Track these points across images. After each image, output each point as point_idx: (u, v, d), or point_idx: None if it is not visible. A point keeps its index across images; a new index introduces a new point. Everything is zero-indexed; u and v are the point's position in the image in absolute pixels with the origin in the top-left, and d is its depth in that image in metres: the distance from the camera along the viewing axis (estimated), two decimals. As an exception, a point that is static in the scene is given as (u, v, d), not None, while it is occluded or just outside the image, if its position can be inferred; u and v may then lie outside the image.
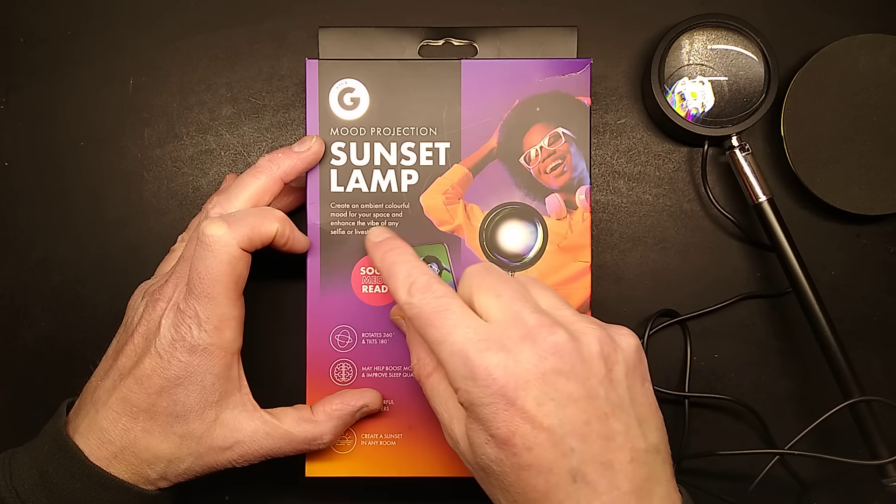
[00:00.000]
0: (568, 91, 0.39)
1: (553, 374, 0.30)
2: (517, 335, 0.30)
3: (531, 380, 0.30)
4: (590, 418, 0.30)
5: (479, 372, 0.30)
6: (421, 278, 0.33)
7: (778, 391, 0.44)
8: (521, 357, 0.30)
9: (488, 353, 0.30)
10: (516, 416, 0.29)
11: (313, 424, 0.37)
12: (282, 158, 0.37)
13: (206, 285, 0.34)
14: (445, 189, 0.39)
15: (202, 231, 0.34)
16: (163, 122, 0.45)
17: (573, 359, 0.30)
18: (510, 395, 0.29)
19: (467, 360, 0.30)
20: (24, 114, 0.45)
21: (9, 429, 0.44)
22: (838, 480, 0.44)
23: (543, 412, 0.29)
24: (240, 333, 0.36)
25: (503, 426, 0.29)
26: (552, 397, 0.29)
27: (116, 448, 0.34)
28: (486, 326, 0.31)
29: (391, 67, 0.39)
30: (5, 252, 0.44)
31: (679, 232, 0.44)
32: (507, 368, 0.30)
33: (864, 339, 0.44)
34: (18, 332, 0.44)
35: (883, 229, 0.44)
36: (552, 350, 0.30)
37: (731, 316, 0.44)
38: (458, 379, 0.30)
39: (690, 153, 0.45)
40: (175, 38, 0.45)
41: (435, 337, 0.31)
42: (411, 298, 0.32)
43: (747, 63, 0.42)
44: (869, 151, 0.42)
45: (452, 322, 0.31)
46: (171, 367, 0.34)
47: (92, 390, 0.36)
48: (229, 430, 0.36)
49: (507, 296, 0.32)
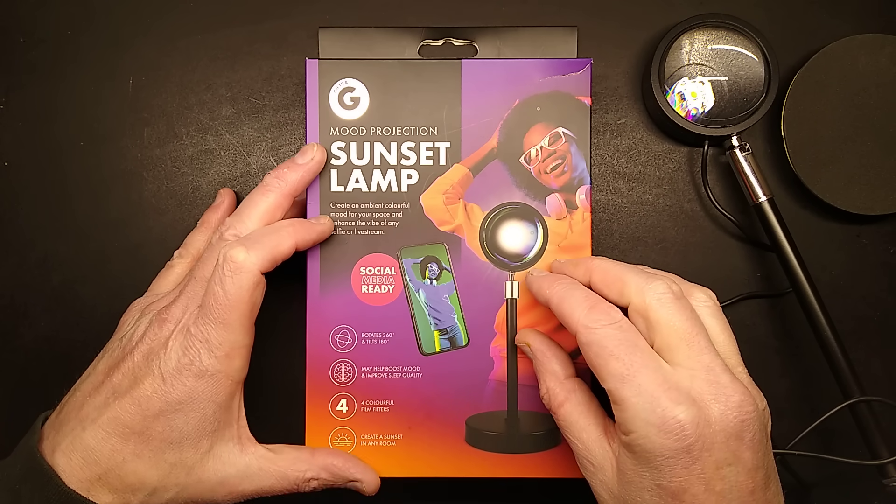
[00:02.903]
0: (568, 91, 0.39)
1: (736, 440, 0.30)
2: (710, 393, 0.30)
3: (717, 442, 0.29)
4: (756, 487, 0.30)
5: (671, 423, 0.29)
6: (601, 304, 0.32)
7: (778, 391, 0.44)
8: (712, 417, 0.29)
9: (682, 406, 0.29)
10: (694, 475, 0.29)
11: (308, 467, 0.36)
12: (287, 173, 0.37)
13: (222, 311, 0.33)
14: (445, 189, 0.39)
15: (225, 256, 0.34)
16: (163, 122, 0.45)
17: (755, 428, 0.30)
18: (695, 454, 0.29)
19: (657, 406, 0.29)
20: (24, 114, 0.45)
21: (9, 429, 0.44)
22: (838, 480, 0.44)
23: (719, 476, 0.29)
24: (247, 362, 0.35)
25: (678, 481, 0.29)
26: (731, 463, 0.29)
27: (101, 469, 0.33)
28: (674, 374, 0.30)
29: (391, 67, 0.39)
30: (5, 252, 0.44)
31: (679, 232, 0.44)
32: (699, 426, 0.29)
33: (864, 339, 0.44)
34: (18, 332, 0.44)
35: (883, 229, 0.44)
36: (742, 416, 0.30)
37: (730, 316, 0.44)
38: (640, 423, 0.30)
39: (690, 153, 0.45)
40: (175, 38, 0.45)
41: (619, 372, 0.30)
42: (593, 323, 0.31)
43: (747, 63, 0.42)
44: (869, 151, 0.42)
45: (639, 360, 0.30)
46: (173, 390, 0.33)
47: (77, 406, 0.34)
48: (221, 464, 0.35)
49: (700, 345, 0.31)
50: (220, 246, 0.35)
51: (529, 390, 0.39)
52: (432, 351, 0.39)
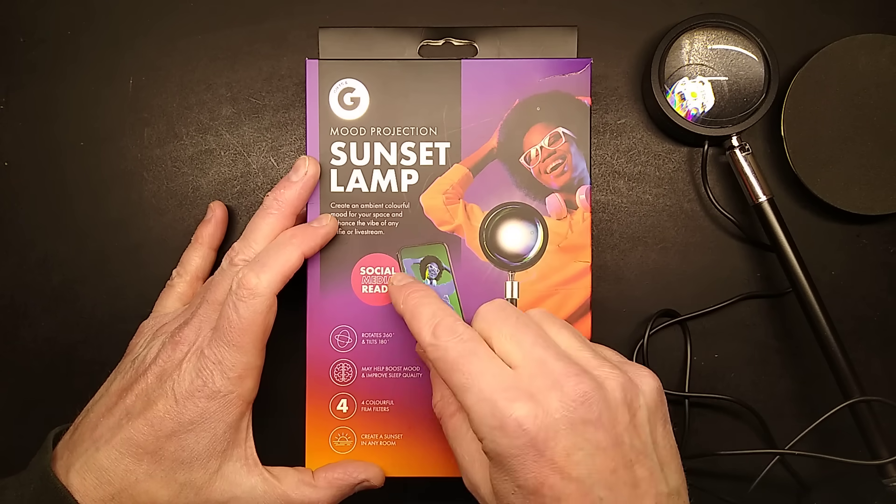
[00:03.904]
0: (568, 91, 0.39)
1: (581, 423, 0.29)
2: (544, 384, 0.30)
3: (560, 430, 0.29)
4: (617, 466, 0.30)
5: (509, 423, 0.29)
6: (446, 320, 0.33)
7: (778, 391, 0.44)
8: (550, 407, 0.29)
9: (517, 404, 0.29)
10: (546, 467, 0.29)
11: (312, 489, 0.37)
12: (284, 193, 0.38)
13: (235, 334, 0.34)
14: (445, 189, 0.39)
15: (240, 282, 0.35)
16: (163, 122, 0.45)
17: (600, 407, 0.30)
18: (540, 447, 0.29)
19: (496, 409, 0.30)
20: (24, 114, 0.45)
21: (9, 429, 0.44)
22: (838, 480, 0.44)
23: (573, 462, 0.29)
24: (258, 383, 0.36)
25: (532, 477, 0.29)
26: (581, 447, 0.29)
27: (115, 489, 0.33)
28: (512, 374, 0.31)
29: (391, 67, 0.39)
30: (5, 252, 0.44)
31: (679, 232, 0.44)
32: (537, 419, 0.29)
33: (864, 339, 0.44)
34: (18, 332, 0.44)
35: (883, 229, 0.44)
36: (580, 399, 0.30)
37: (731, 316, 0.44)
38: (485, 428, 0.30)
39: (690, 153, 0.45)
40: (175, 38, 0.45)
41: (460, 382, 0.31)
42: (436, 340, 0.32)
43: (747, 63, 0.42)
44: (869, 151, 0.42)
45: (478, 368, 0.31)
46: (186, 411, 0.34)
47: (91, 427, 0.35)
48: (228, 484, 0.35)
49: (529, 341, 0.32)
50: (232, 272, 0.36)
51: (529, 390, 0.39)
52: (432, 351, 0.39)
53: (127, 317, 0.44)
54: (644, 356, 0.43)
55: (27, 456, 0.36)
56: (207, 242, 0.42)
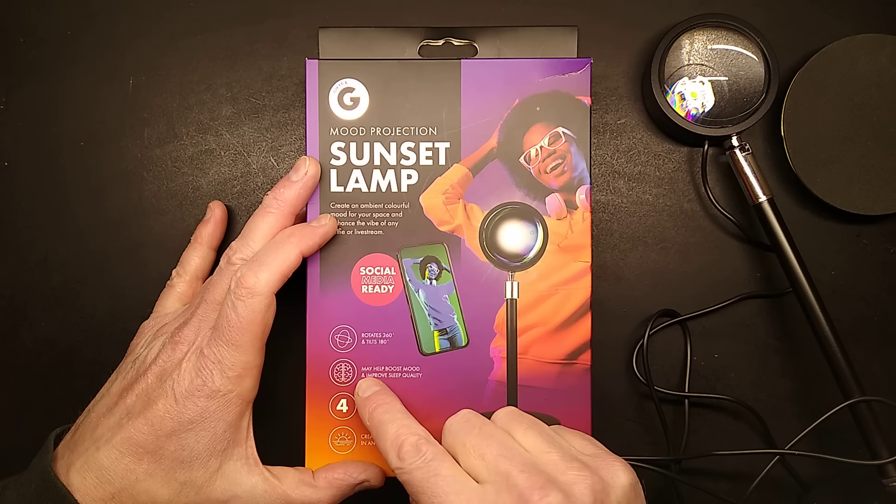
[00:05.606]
0: (568, 91, 0.39)
1: None
2: (510, 500, 0.30)
3: None
4: None
5: None
6: (409, 439, 0.33)
7: (778, 391, 0.44)
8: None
9: None
10: None
11: (312, 489, 0.37)
12: (284, 192, 0.38)
13: (235, 333, 0.34)
14: (445, 189, 0.39)
15: (238, 281, 0.35)
16: (163, 122, 0.45)
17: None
18: None
19: None
20: (24, 114, 0.45)
21: (9, 429, 0.44)
22: (838, 480, 0.44)
23: None
24: (258, 382, 0.36)
25: None
26: None
27: (115, 489, 0.34)
28: (478, 492, 0.31)
29: (391, 67, 0.39)
30: (5, 252, 0.44)
31: (679, 232, 0.44)
32: None
33: (864, 339, 0.44)
34: (18, 332, 0.44)
35: (883, 229, 0.44)
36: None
37: (731, 316, 0.44)
38: None
39: (690, 153, 0.45)
40: (175, 38, 0.45)
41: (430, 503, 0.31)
42: (401, 463, 0.32)
43: (747, 63, 0.42)
44: (869, 151, 0.42)
45: (444, 489, 0.31)
46: (186, 411, 0.34)
47: (92, 427, 0.35)
48: (228, 483, 0.35)
49: (493, 454, 0.32)
50: (230, 271, 0.36)
51: (529, 391, 0.39)
52: (432, 351, 0.39)
53: (127, 317, 0.44)
54: (644, 356, 0.43)
55: (27, 456, 0.36)
56: (207, 242, 0.42)
